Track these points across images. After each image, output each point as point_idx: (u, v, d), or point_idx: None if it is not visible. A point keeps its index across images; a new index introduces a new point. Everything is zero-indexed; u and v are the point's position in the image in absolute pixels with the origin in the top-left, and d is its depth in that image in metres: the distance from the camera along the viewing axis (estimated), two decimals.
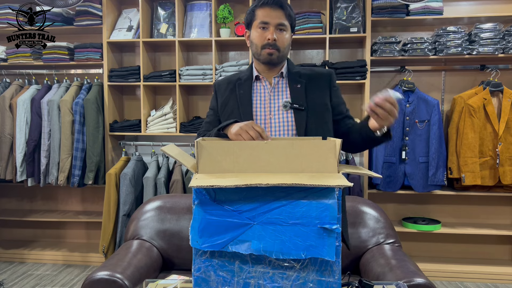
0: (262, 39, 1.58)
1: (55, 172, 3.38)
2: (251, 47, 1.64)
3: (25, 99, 3.43)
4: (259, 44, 1.59)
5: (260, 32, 1.58)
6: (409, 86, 3.23)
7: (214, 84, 1.75)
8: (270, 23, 1.56)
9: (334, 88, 1.67)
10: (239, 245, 1.03)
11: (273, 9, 1.56)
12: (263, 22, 1.56)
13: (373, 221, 2.09)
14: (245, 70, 1.72)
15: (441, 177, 3.23)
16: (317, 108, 1.60)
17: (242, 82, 1.67)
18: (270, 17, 1.56)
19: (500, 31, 3.13)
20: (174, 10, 3.47)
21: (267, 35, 1.56)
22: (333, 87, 1.67)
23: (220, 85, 1.72)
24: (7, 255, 3.67)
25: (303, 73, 1.67)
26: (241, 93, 1.65)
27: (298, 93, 1.61)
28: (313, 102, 1.61)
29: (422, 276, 1.61)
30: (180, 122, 3.41)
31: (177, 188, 3.17)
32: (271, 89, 1.65)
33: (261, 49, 1.59)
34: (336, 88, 1.68)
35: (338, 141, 1.13)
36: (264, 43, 1.57)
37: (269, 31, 1.56)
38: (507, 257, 3.49)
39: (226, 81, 1.72)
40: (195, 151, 1.12)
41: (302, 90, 1.62)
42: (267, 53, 1.58)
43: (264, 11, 1.57)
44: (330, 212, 1.02)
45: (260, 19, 1.57)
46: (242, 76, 1.70)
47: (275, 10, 1.56)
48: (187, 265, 2.05)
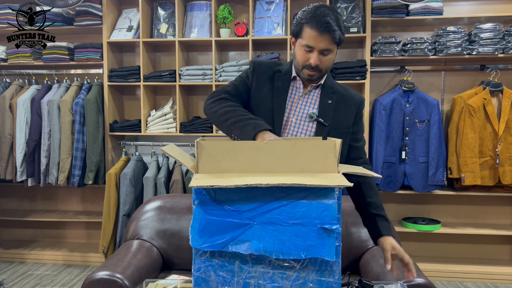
0: (304, 59, 1.53)
1: (55, 172, 3.38)
2: (294, 60, 1.61)
3: (25, 99, 3.43)
4: (301, 63, 1.55)
5: (303, 52, 1.52)
6: (409, 86, 3.23)
7: (254, 61, 1.69)
8: (315, 48, 1.50)
9: (359, 115, 1.68)
10: (239, 245, 1.03)
11: (321, 34, 1.47)
12: (308, 46, 1.50)
13: None
14: (285, 64, 1.70)
15: (441, 177, 3.23)
16: (340, 128, 1.61)
17: (281, 75, 1.65)
18: (316, 42, 1.48)
19: (500, 31, 3.13)
20: (174, 10, 3.47)
21: (310, 58, 1.51)
22: (359, 113, 1.68)
23: (261, 66, 1.67)
24: (7, 255, 3.67)
25: (337, 89, 1.66)
26: (279, 86, 1.63)
27: (327, 109, 1.60)
28: (337, 121, 1.61)
29: (422, 276, 1.61)
30: (180, 122, 3.41)
31: (177, 188, 3.17)
32: (303, 94, 1.64)
33: (302, 67, 1.56)
34: (361, 116, 1.69)
35: (338, 141, 1.13)
36: (306, 64, 1.54)
37: (312, 55, 1.50)
38: (507, 257, 3.49)
39: (266, 66, 1.68)
40: (195, 151, 1.12)
41: (331, 107, 1.61)
42: (307, 73, 1.56)
43: (312, 32, 1.48)
44: (330, 212, 1.02)
45: (305, 41, 1.50)
46: (282, 69, 1.67)
47: (323, 35, 1.47)
48: (187, 265, 2.05)
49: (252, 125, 1.40)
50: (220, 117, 1.50)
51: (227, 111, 1.50)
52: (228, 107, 1.52)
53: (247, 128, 1.40)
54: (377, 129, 3.24)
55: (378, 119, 3.23)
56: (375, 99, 3.39)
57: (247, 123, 1.42)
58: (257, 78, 1.65)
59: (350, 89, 1.73)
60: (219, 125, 1.52)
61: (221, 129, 1.51)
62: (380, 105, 3.25)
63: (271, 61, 1.73)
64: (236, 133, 1.42)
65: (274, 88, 1.63)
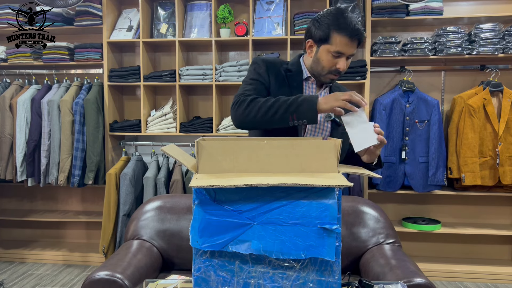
0: (331, 64, 1.56)
1: (55, 172, 3.38)
2: (315, 64, 1.61)
3: (25, 99, 3.43)
4: (327, 68, 1.57)
5: (330, 58, 1.55)
6: (409, 86, 3.23)
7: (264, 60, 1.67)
8: (346, 54, 1.54)
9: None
10: (239, 245, 1.03)
11: (352, 41, 1.52)
12: (339, 52, 1.53)
13: (373, 221, 2.09)
14: (291, 63, 1.70)
15: (441, 177, 3.23)
16: None
17: (293, 75, 1.66)
18: (348, 48, 1.53)
19: (500, 31, 3.13)
20: (174, 10, 3.46)
21: (339, 64, 1.55)
22: None
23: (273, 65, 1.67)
24: (7, 255, 3.67)
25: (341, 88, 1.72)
26: (294, 86, 1.63)
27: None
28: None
29: (422, 276, 1.61)
30: (180, 122, 3.41)
31: (177, 188, 3.17)
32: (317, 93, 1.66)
33: (327, 72, 1.58)
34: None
35: (338, 141, 1.13)
36: (333, 70, 1.57)
37: (341, 60, 1.55)
38: (507, 257, 3.49)
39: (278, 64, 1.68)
40: (195, 151, 1.12)
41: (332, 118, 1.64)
42: (330, 78, 1.60)
43: (343, 39, 1.51)
44: (330, 212, 1.02)
45: (336, 48, 1.53)
46: (292, 69, 1.67)
47: (353, 42, 1.53)
48: (187, 265, 2.05)
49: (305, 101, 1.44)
50: (266, 115, 1.48)
51: (269, 106, 1.48)
52: (265, 102, 1.49)
53: (302, 107, 1.43)
54: None
55: (378, 119, 3.23)
56: (375, 99, 3.39)
57: (298, 103, 1.44)
58: (274, 77, 1.64)
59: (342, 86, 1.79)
60: (267, 122, 1.49)
61: (272, 125, 1.49)
62: (380, 105, 3.25)
63: (277, 59, 1.73)
64: (294, 117, 1.44)
65: (291, 89, 1.63)
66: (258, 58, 1.69)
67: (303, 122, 1.45)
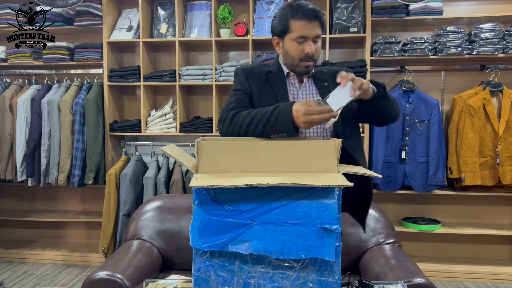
0: (299, 52, 1.56)
1: (55, 172, 3.38)
2: (285, 57, 1.63)
3: (25, 99, 3.43)
4: (297, 57, 1.58)
5: (296, 46, 1.56)
6: (409, 86, 3.23)
7: (243, 69, 1.69)
8: (309, 36, 1.54)
9: None
10: (239, 245, 1.03)
11: (310, 21, 1.52)
12: (301, 36, 1.54)
13: (373, 221, 2.09)
14: (271, 64, 1.71)
15: (441, 177, 3.23)
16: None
17: (275, 76, 1.66)
18: (308, 30, 1.53)
19: (500, 31, 3.13)
20: (174, 10, 3.46)
21: (306, 48, 1.55)
22: None
23: (252, 71, 1.68)
24: (7, 255, 3.67)
25: (325, 72, 1.69)
26: (277, 88, 1.63)
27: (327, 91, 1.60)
28: None
29: (422, 276, 1.61)
30: (180, 122, 3.41)
31: (177, 188, 3.17)
32: (300, 89, 1.66)
33: (298, 61, 1.58)
34: None
35: (338, 141, 1.13)
36: (302, 56, 1.56)
37: (307, 44, 1.54)
38: (507, 257, 3.49)
39: (257, 69, 1.69)
40: (195, 151, 1.12)
41: (329, 88, 1.61)
42: (304, 66, 1.58)
43: (301, 24, 1.53)
44: (330, 212, 1.02)
45: (297, 33, 1.54)
46: (272, 70, 1.68)
47: (312, 22, 1.53)
48: (187, 265, 2.05)
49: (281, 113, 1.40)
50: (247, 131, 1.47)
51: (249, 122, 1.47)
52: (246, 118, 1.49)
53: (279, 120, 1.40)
54: (377, 129, 3.24)
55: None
56: None
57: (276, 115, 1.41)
58: (254, 84, 1.66)
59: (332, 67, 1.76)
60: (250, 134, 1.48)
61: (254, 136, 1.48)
62: None
63: (257, 64, 1.75)
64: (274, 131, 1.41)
65: (274, 89, 1.63)
66: (238, 68, 1.72)
67: (283, 135, 1.41)
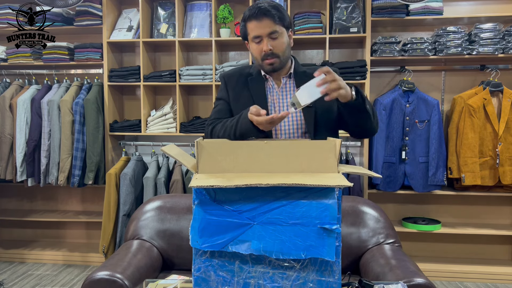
0: (258, 51, 1.60)
1: (55, 172, 3.38)
2: (254, 59, 1.67)
3: (25, 99, 3.43)
4: (258, 57, 1.61)
5: (255, 46, 1.60)
6: (409, 86, 3.23)
7: (223, 76, 1.74)
8: (262, 35, 1.57)
9: None
10: (239, 245, 1.03)
11: (260, 20, 1.55)
12: (255, 36, 1.58)
13: (373, 221, 2.09)
14: (253, 66, 1.73)
15: (441, 177, 3.22)
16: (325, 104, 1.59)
17: (254, 78, 1.69)
18: (259, 29, 1.56)
19: (500, 31, 3.13)
20: (174, 10, 3.46)
21: (262, 47, 1.58)
22: None
23: (231, 77, 1.73)
24: (7, 255, 3.67)
25: (309, 72, 1.69)
26: (254, 90, 1.66)
27: None
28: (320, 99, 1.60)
29: (422, 276, 1.61)
30: (180, 122, 3.41)
31: (177, 188, 3.17)
32: (279, 89, 1.67)
33: (261, 60, 1.61)
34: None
35: (338, 141, 1.13)
36: (262, 55, 1.59)
37: (263, 43, 1.58)
38: (507, 257, 3.49)
39: (237, 74, 1.73)
40: (195, 151, 1.12)
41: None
42: (267, 64, 1.61)
43: (252, 24, 1.57)
44: (330, 212, 1.02)
45: (252, 34, 1.58)
46: (253, 72, 1.70)
47: (262, 21, 1.55)
48: (187, 265, 2.05)
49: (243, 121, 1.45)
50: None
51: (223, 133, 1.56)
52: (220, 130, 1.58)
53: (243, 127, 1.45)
54: None
55: (378, 119, 3.23)
56: (375, 99, 3.39)
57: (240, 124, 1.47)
58: (232, 90, 1.70)
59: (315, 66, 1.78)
60: None
61: None
62: (380, 105, 3.25)
63: (239, 67, 1.78)
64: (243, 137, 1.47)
65: (251, 92, 1.66)
66: (221, 74, 1.77)
67: (252, 138, 1.46)
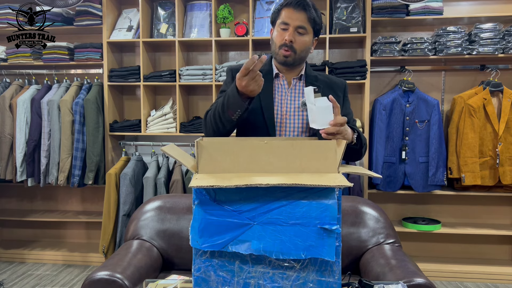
0: (280, 39, 1.60)
1: (55, 172, 3.38)
2: (271, 46, 1.67)
3: (25, 99, 3.43)
4: (278, 43, 1.61)
5: (280, 32, 1.61)
6: (409, 86, 3.23)
7: (231, 69, 1.73)
8: (290, 24, 1.57)
9: (346, 98, 1.73)
10: (239, 245, 1.03)
11: (296, 10, 1.57)
12: (284, 22, 1.58)
13: (373, 221, 2.09)
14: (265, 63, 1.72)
15: (441, 177, 3.23)
16: None
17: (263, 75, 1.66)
18: (291, 18, 1.57)
19: (500, 31, 3.13)
20: (174, 10, 3.46)
21: (285, 35, 1.58)
22: (346, 97, 1.72)
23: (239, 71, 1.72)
24: (7, 255, 3.67)
25: (320, 78, 1.71)
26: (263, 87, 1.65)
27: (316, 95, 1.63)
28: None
29: (422, 276, 1.61)
30: (180, 122, 3.41)
31: (177, 188, 3.17)
32: (289, 89, 1.67)
33: (278, 48, 1.61)
34: (347, 98, 1.73)
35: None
36: (282, 43, 1.60)
37: (288, 32, 1.58)
38: (507, 257, 3.49)
39: None
40: (195, 151, 1.12)
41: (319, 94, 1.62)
42: (282, 54, 1.61)
43: (287, 11, 1.58)
44: (330, 212, 1.02)
45: (282, 19, 1.59)
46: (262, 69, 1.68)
47: (298, 12, 1.57)
48: (187, 265, 2.05)
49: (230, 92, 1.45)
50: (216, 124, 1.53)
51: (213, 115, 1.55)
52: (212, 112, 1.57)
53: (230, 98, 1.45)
54: (377, 129, 3.24)
55: (378, 119, 3.23)
56: (375, 99, 3.39)
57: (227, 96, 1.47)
58: None
59: (331, 76, 1.78)
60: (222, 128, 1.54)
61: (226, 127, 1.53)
62: (380, 105, 3.25)
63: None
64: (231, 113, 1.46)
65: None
66: (228, 68, 1.75)
67: (238, 112, 1.45)
